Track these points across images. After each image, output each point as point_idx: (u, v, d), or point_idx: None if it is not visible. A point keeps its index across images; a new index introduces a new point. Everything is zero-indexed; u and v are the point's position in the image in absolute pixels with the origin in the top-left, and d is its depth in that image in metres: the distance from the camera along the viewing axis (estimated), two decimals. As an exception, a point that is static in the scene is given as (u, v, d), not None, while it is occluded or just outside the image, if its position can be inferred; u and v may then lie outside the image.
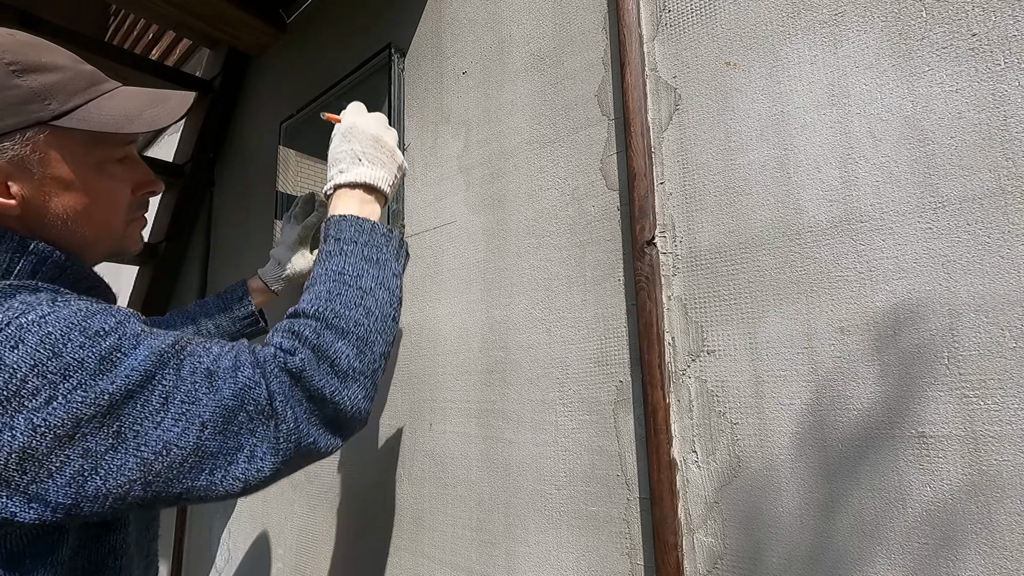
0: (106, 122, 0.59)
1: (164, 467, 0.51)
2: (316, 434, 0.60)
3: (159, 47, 2.65)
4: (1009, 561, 0.49)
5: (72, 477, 0.48)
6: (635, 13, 0.79)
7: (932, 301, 0.54)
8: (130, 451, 0.50)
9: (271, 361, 0.59)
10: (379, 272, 0.71)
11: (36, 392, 0.47)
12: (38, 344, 0.48)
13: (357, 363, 0.64)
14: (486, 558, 0.88)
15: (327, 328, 0.64)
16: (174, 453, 0.51)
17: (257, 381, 0.57)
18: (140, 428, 0.50)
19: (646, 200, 0.75)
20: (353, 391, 0.63)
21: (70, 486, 0.48)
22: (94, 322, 0.51)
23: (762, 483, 0.63)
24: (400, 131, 1.16)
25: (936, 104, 0.56)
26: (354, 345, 0.65)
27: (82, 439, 0.48)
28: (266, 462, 0.56)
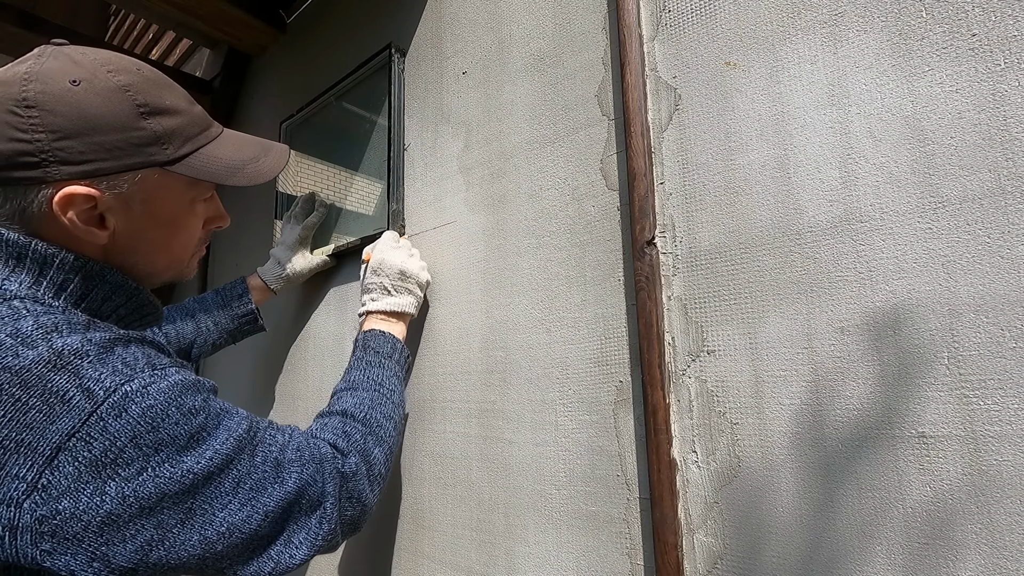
0: (213, 172, 0.62)
1: (223, 547, 0.54)
2: (341, 531, 0.65)
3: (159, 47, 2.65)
4: (1009, 561, 0.49)
5: (140, 546, 0.49)
6: (635, 13, 0.79)
7: (932, 301, 0.54)
8: (196, 528, 0.52)
9: (329, 461, 0.64)
10: (402, 390, 0.83)
11: (131, 462, 0.49)
12: (140, 416, 0.50)
13: (384, 470, 0.73)
14: (486, 558, 0.88)
15: (371, 435, 0.73)
16: (235, 536, 0.54)
17: (316, 479, 0.62)
18: (209, 508, 0.53)
19: (646, 200, 0.75)
20: (376, 493, 0.71)
21: (136, 553, 0.49)
22: (187, 399, 0.54)
23: (762, 483, 0.63)
24: (400, 131, 1.16)
25: (936, 104, 0.56)
26: (385, 454, 0.75)
27: (160, 512, 0.50)
28: (301, 550, 0.60)
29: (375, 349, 0.86)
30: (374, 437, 0.73)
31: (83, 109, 0.53)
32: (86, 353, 0.50)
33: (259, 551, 0.57)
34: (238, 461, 0.56)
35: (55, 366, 0.48)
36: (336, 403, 0.77)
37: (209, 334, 1.14)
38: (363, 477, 0.68)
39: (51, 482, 0.45)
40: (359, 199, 1.26)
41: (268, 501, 0.57)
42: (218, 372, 1.66)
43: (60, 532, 0.46)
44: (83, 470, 0.46)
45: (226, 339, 1.18)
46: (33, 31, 1.44)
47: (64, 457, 0.46)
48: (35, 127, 0.52)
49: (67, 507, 0.46)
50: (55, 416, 0.46)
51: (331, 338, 1.27)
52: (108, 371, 0.50)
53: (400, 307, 0.94)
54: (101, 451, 0.47)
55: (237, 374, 1.57)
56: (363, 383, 0.80)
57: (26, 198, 0.53)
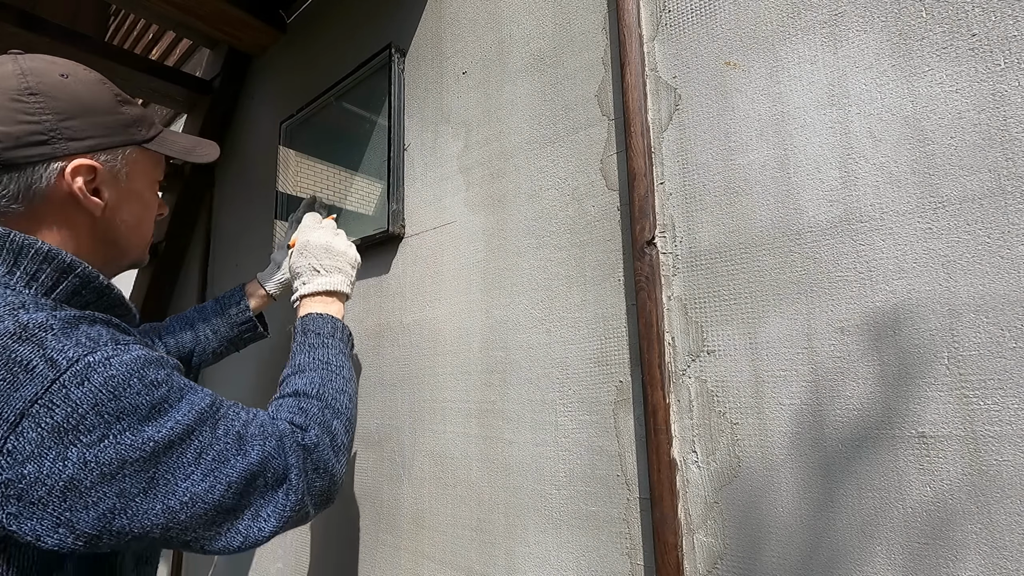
0: (178, 151, 0.73)
1: (186, 517, 0.55)
2: (310, 502, 0.66)
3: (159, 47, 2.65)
4: (1009, 561, 0.49)
5: (103, 513, 0.51)
6: (635, 13, 0.79)
7: (932, 301, 0.54)
8: (158, 497, 0.54)
9: (289, 436, 0.66)
10: (350, 364, 0.84)
11: (92, 429, 0.50)
12: (102, 385, 0.52)
13: (346, 439, 0.75)
14: (486, 558, 0.88)
15: (327, 408, 0.74)
16: (198, 506, 0.56)
17: (278, 453, 0.63)
18: (172, 477, 0.55)
19: (646, 200, 0.75)
20: (342, 464, 0.72)
21: (99, 520, 0.51)
22: (150, 371, 0.56)
23: (762, 483, 0.63)
24: (400, 131, 1.16)
25: (936, 104, 0.56)
26: (344, 424, 0.75)
27: (121, 479, 0.52)
28: (269, 523, 0.61)
29: (315, 331, 0.86)
30: (331, 410, 0.74)
31: (78, 95, 0.62)
32: (50, 327, 0.52)
33: (226, 525, 0.58)
34: (200, 432, 0.57)
35: (20, 338, 0.50)
36: (286, 387, 0.78)
37: (208, 342, 1.14)
38: (326, 448, 0.69)
39: (16, 447, 0.47)
40: (359, 199, 1.26)
41: (231, 472, 0.58)
42: (219, 374, 1.66)
43: (25, 496, 0.47)
44: (46, 436, 0.48)
45: (226, 347, 1.18)
46: (33, 31, 1.44)
47: (28, 423, 0.48)
48: (41, 110, 0.59)
49: (31, 471, 0.48)
50: (19, 384, 0.48)
51: (331, 338, 1.27)
52: (71, 343, 0.52)
53: (332, 286, 0.93)
54: (63, 417, 0.49)
55: (239, 376, 1.57)
56: (310, 364, 0.81)
57: (35, 174, 0.59)
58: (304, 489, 0.65)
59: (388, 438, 1.09)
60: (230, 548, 0.59)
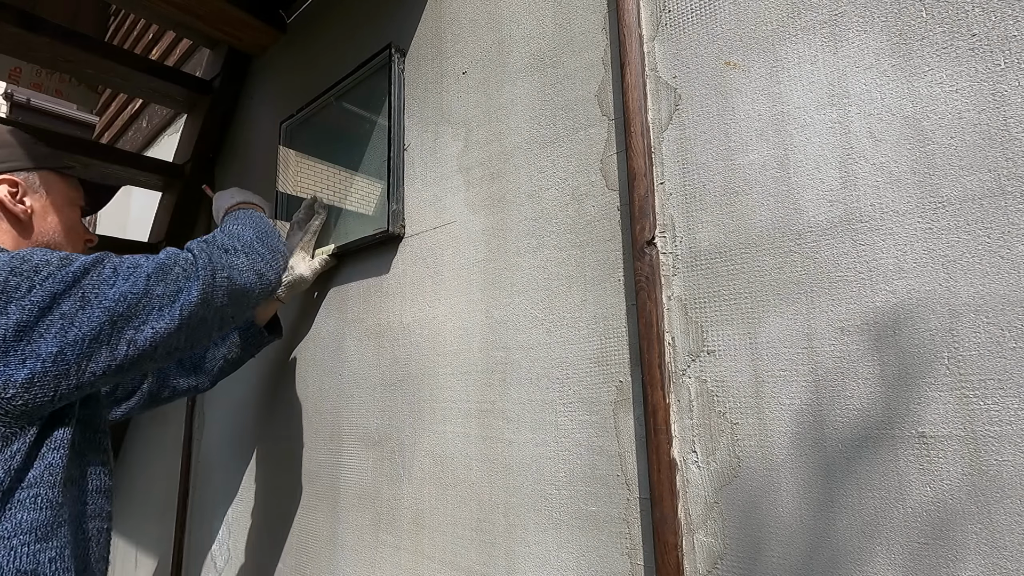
0: (92, 176, 0.96)
1: (124, 309, 0.70)
2: (228, 294, 0.81)
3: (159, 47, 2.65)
4: (1009, 561, 0.49)
5: (56, 333, 0.66)
6: (635, 13, 0.79)
7: (932, 301, 0.54)
8: (95, 306, 0.68)
9: (182, 252, 0.82)
10: (252, 221, 0.99)
11: (18, 287, 0.65)
12: (10, 259, 0.66)
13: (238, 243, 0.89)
14: (486, 558, 0.88)
15: (214, 236, 0.90)
16: (130, 299, 0.71)
17: (180, 251, 0.81)
18: (99, 291, 0.70)
19: (646, 200, 0.75)
20: (249, 265, 0.88)
21: (56, 339, 0.65)
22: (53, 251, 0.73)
23: (762, 483, 0.63)
24: (400, 131, 1.16)
25: (936, 104, 0.56)
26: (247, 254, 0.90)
27: (59, 307, 0.66)
28: (193, 293, 0.76)
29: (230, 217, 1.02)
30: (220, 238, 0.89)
31: (2, 137, 0.87)
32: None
33: (162, 306, 0.73)
34: (108, 258, 0.73)
35: None
36: None
37: (217, 348, 1.21)
38: (217, 248, 0.84)
39: None
40: (359, 199, 1.26)
41: (147, 268, 0.74)
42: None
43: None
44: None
45: (237, 352, 1.23)
46: (33, 31, 1.44)
47: None
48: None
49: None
50: None
51: (331, 338, 1.27)
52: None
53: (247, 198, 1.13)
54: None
55: (239, 375, 1.57)
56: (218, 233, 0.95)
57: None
58: (210, 280, 0.79)
59: (388, 438, 1.09)
60: (174, 324, 0.74)
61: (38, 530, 0.65)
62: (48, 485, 0.67)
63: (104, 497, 0.79)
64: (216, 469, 1.59)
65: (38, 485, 0.66)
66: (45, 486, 0.67)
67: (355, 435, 1.16)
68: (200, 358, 1.20)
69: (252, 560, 1.40)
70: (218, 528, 1.54)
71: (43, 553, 0.65)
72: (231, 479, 1.52)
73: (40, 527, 0.65)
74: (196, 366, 1.20)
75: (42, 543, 0.65)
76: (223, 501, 1.53)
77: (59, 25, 1.50)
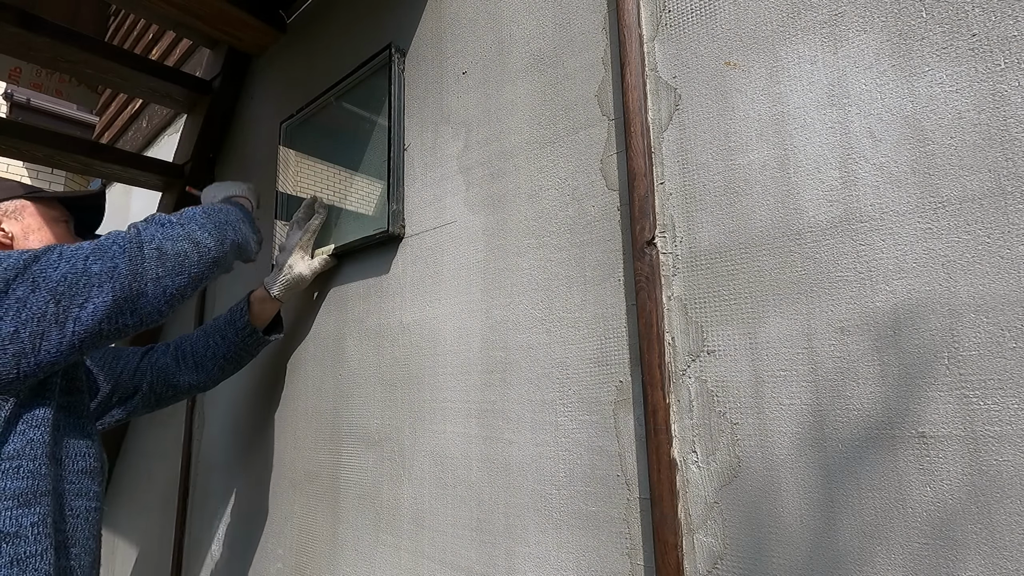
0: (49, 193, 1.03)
1: (65, 288, 0.75)
2: (161, 241, 0.86)
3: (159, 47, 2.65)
4: (1009, 561, 0.49)
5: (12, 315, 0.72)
6: (635, 13, 0.79)
7: (932, 301, 0.54)
8: (42, 288, 0.74)
9: (122, 233, 0.86)
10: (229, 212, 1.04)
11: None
12: None
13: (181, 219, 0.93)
14: (486, 558, 0.88)
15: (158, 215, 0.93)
16: (70, 278, 0.76)
17: (121, 231, 0.85)
18: (46, 274, 0.75)
19: (646, 200, 0.75)
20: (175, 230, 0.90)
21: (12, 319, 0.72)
22: None
23: (762, 483, 0.63)
24: (400, 131, 1.16)
25: (936, 104, 0.56)
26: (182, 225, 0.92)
27: (13, 292, 0.73)
28: (122, 267, 0.80)
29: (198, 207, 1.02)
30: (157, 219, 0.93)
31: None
32: None
33: (92, 290, 0.77)
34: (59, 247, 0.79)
35: None
36: None
37: (217, 347, 1.22)
38: (154, 224, 0.89)
39: None
40: (359, 199, 1.26)
41: (87, 247, 0.80)
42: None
43: None
44: None
45: (235, 352, 1.24)
46: (33, 31, 1.44)
47: None
48: None
49: None
50: None
51: (331, 338, 1.27)
52: None
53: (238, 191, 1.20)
54: None
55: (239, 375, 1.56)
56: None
57: None
58: (136, 246, 0.83)
59: (388, 438, 1.09)
60: (107, 300, 0.78)
61: (19, 497, 0.72)
62: (30, 458, 0.74)
63: (89, 477, 0.85)
64: (216, 469, 1.59)
65: (20, 457, 0.73)
66: (27, 459, 0.74)
67: (355, 435, 1.16)
68: (200, 357, 1.21)
69: (252, 560, 1.40)
70: (218, 527, 1.54)
71: (25, 518, 0.72)
72: (231, 479, 1.52)
73: (21, 494, 0.73)
74: (196, 366, 1.21)
75: (23, 508, 0.72)
76: (223, 501, 1.53)
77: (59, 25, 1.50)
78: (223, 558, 1.50)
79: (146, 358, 1.18)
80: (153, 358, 1.19)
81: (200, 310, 1.77)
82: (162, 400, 1.20)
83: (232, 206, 1.08)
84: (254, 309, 1.23)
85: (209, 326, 1.25)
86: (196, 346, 1.22)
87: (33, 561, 0.72)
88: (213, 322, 1.25)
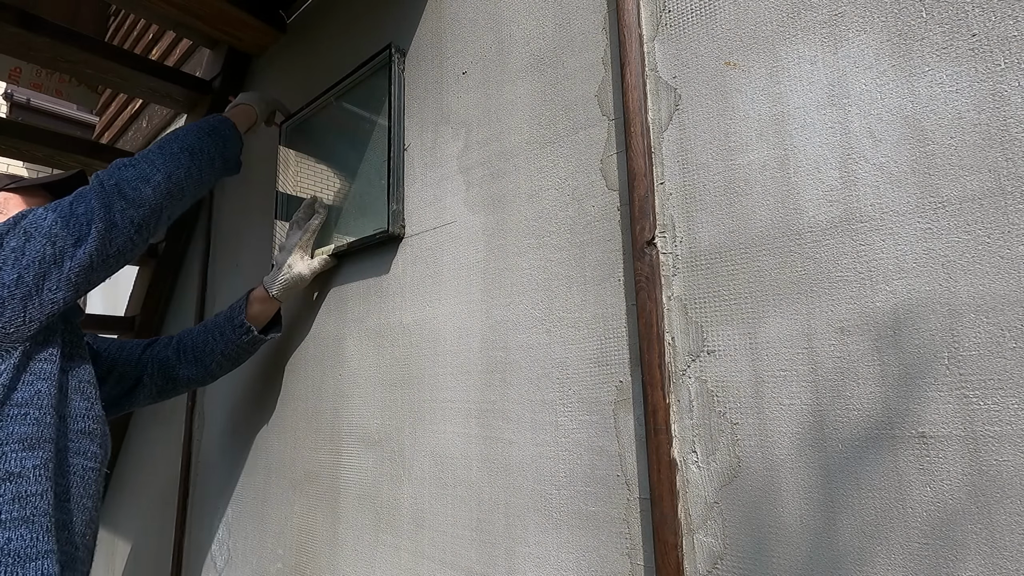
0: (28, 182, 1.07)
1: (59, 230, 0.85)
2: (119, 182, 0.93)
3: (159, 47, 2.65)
4: (1009, 561, 0.49)
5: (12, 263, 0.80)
6: (635, 13, 0.79)
7: (932, 301, 0.54)
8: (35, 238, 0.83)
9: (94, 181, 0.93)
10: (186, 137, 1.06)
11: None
12: None
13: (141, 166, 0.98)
14: (486, 558, 0.88)
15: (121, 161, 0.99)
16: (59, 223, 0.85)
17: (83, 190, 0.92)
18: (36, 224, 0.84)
19: (646, 200, 0.75)
20: (129, 171, 0.96)
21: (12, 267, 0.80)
22: None
23: (762, 483, 0.63)
24: (400, 131, 1.16)
25: (936, 104, 0.56)
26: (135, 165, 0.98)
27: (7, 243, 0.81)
28: (95, 206, 0.89)
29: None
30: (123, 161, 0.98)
31: None
32: None
33: (81, 229, 0.86)
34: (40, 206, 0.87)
35: None
36: None
37: (216, 344, 1.23)
38: (118, 165, 0.96)
39: None
40: (359, 199, 1.26)
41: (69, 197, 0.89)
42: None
43: None
44: None
45: (233, 350, 1.25)
46: (33, 31, 1.44)
47: None
48: None
49: None
50: None
51: (331, 338, 1.27)
52: None
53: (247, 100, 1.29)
54: None
55: (239, 375, 1.57)
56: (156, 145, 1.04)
57: None
58: (98, 183, 0.92)
59: (388, 438, 1.09)
60: (95, 238, 0.86)
61: (24, 440, 0.78)
62: (36, 407, 0.80)
63: (89, 439, 0.90)
64: (216, 469, 1.59)
65: (27, 405, 0.79)
66: (34, 407, 0.80)
67: (355, 435, 1.16)
68: (200, 352, 1.23)
69: (252, 560, 1.40)
70: (218, 528, 1.54)
71: (28, 460, 0.78)
72: (231, 479, 1.52)
73: (26, 439, 0.78)
74: (196, 360, 1.22)
75: (28, 452, 0.78)
76: (223, 501, 1.53)
77: (59, 25, 1.50)
78: (223, 558, 1.50)
79: (148, 350, 1.22)
80: (155, 350, 1.22)
81: (200, 305, 1.77)
82: (163, 392, 1.23)
83: (215, 122, 1.13)
84: (253, 308, 1.23)
85: (210, 322, 1.26)
86: (196, 341, 1.24)
87: (34, 500, 0.78)
88: (214, 318, 1.27)
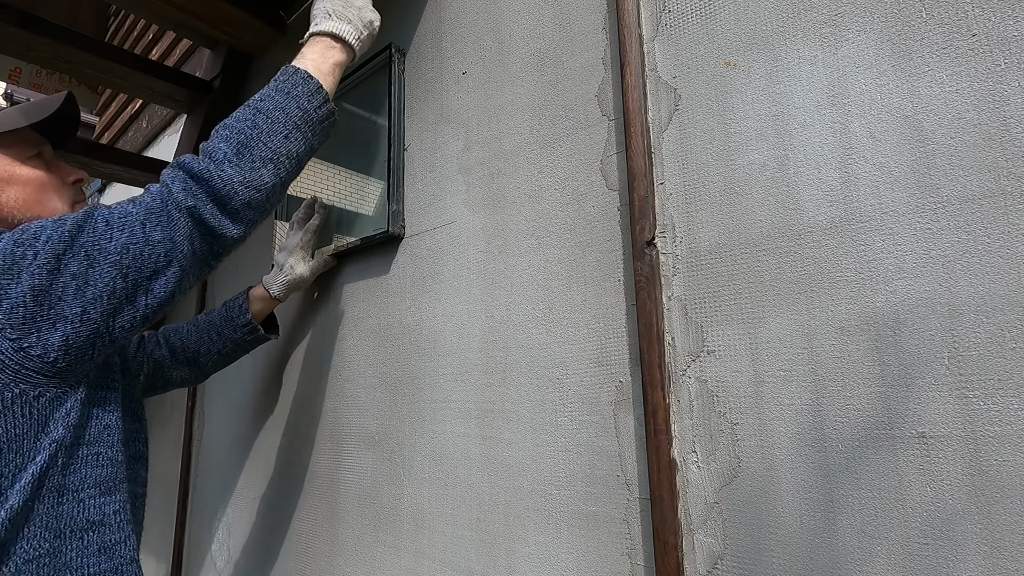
0: (29, 115, 0.85)
1: (131, 261, 0.71)
2: (205, 208, 0.77)
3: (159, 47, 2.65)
4: (1009, 561, 0.49)
5: (74, 293, 0.68)
6: (635, 13, 0.79)
7: (932, 301, 0.54)
8: (102, 263, 0.70)
9: (170, 172, 0.79)
10: (284, 100, 0.86)
11: (24, 255, 0.66)
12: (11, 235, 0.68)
13: (233, 156, 0.81)
14: (486, 558, 0.88)
15: (216, 133, 0.84)
16: (133, 249, 0.71)
17: (162, 190, 0.77)
18: (100, 246, 0.70)
19: (646, 200, 0.75)
20: (225, 171, 0.79)
21: (75, 299, 0.68)
22: None
23: (762, 483, 0.63)
24: (400, 131, 1.16)
25: (936, 104, 0.56)
26: (233, 145, 0.82)
27: (67, 268, 0.68)
28: (180, 231, 0.76)
29: (286, 78, 0.89)
30: (218, 136, 0.83)
31: None
32: None
33: (160, 260, 0.73)
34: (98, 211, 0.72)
35: None
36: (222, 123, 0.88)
37: (213, 343, 1.21)
38: (199, 161, 0.79)
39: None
40: (359, 199, 1.26)
41: (137, 212, 0.73)
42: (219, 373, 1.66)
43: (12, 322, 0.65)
44: None
45: (232, 348, 1.23)
46: (33, 31, 1.44)
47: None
48: None
49: (5, 306, 0.64)
50: None
51: (331, 338, 1.27)
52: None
53: (338, 31, 0.93)
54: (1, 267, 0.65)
55: (239, 375, 1.57)
56: (247, 108, 0.88)
57: None
58: (187, 195, 0.76)
59: (388, 438, 1.09)
60: (177, 272, 0.75)
61: (102, 484, 0.73)
62: (107, 444, 0.74)
63: (140, 464, 0.86)
64: (216, 469, 1.59)
65: (98, 444, 0.73)
66: (105, 445, 0.74)
67: (355, 435, 1.16)
68: (194, 353, 1.20)
69: (252, 560, 1.40)
70: (218, 528, 1.54)
71: (108, 506, 0.73)
72: (231, 479, 1.52)
73: (103, 482, 0.73)
74: (189, 361, 1.20)
75: (106, 496, 0.73)
76: (223, 501, 1.53)
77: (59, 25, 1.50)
78: (223, 559, 1.50)
79: (141, 348, 1.17)
80: (148, 349, 1.18)
81: (200, 305, 1.77)
82: (152, 390, 1.19)
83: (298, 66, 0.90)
84: (255, 307, 1.22)
85: (202, 321, 1.22)
86: (188, 341, 1.20)
87: (118, 548, 0.73)
88: (206, 317, 1.23)
